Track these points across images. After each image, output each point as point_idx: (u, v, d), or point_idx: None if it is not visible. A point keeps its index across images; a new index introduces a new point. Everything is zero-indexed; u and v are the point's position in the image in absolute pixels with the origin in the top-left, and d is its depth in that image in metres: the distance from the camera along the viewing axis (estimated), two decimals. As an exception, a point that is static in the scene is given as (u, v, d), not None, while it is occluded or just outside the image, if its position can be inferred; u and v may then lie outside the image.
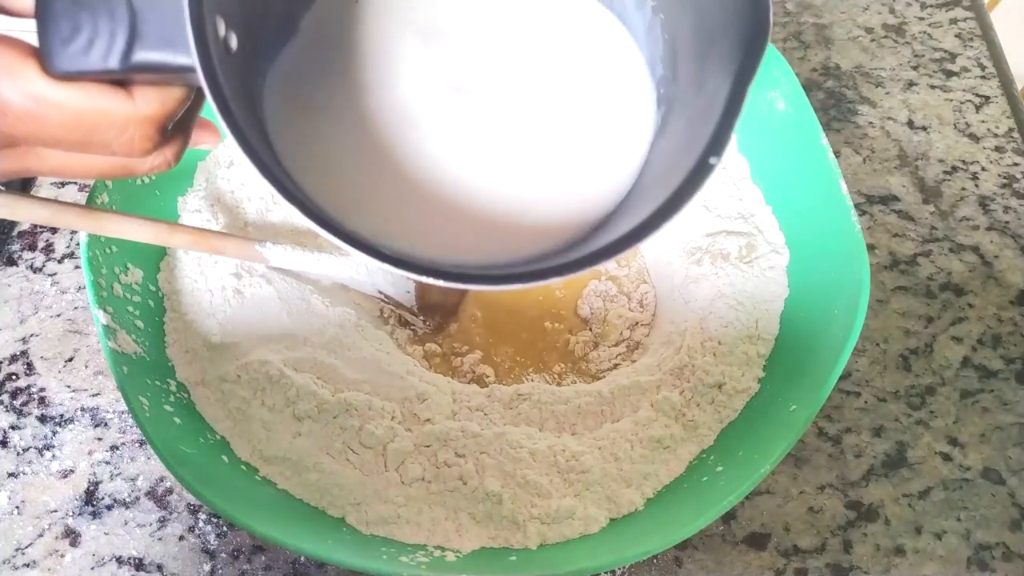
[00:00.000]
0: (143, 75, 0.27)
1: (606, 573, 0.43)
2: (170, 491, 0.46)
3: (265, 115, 0.31)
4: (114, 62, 0.26)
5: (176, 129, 0.30)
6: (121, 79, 0.27)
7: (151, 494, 0.46)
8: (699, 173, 0.26)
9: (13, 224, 0.56)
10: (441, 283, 0.26)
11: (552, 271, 0.26)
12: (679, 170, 0.27)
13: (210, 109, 0.25)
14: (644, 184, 0.31)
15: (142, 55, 0.26)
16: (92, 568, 0.43)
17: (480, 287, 0.27)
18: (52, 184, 0.59)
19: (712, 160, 0.26)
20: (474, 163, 0.31)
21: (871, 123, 0.63)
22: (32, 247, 0.55)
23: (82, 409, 0.49)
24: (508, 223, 0.31)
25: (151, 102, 0.27)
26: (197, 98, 0.30)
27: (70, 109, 0.27)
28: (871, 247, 0.56)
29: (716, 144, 0.26)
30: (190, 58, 0.24)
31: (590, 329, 0.52)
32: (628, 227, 0.27)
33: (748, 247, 0.49)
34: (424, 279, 0.26)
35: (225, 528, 0.45)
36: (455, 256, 0.30)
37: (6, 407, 0.49)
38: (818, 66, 0.67)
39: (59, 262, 0.55)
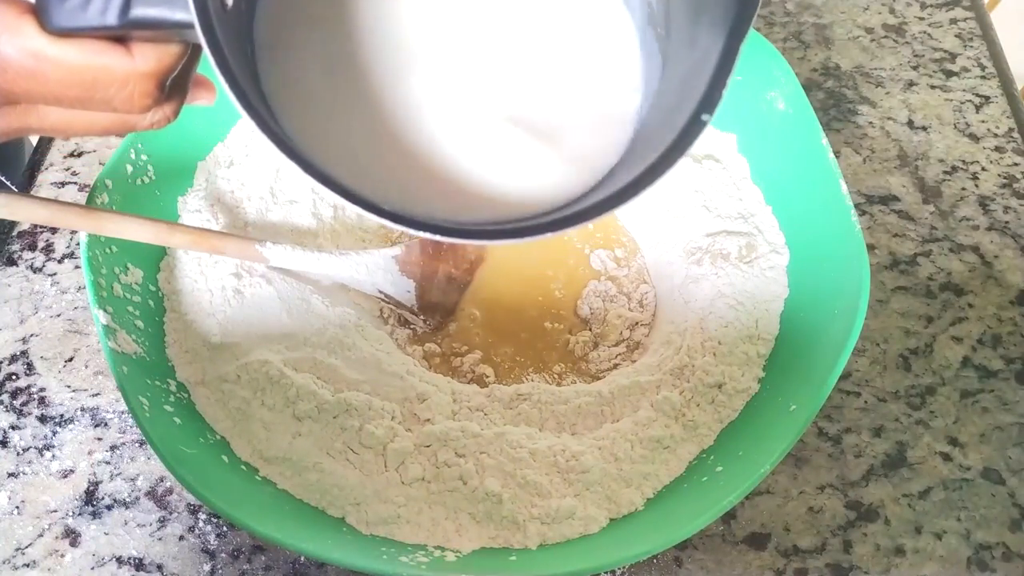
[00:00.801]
0: (141, 31, 0.27)
1: (606, 573, 0.43)
2: (170, 491, 0.46)
3: (260, 73, 0.31)
4: (112, 18, 0.26)
5: (173, 85, 0.30)
6: (119, 35, 0.27)
7: (151, 494, 0.46)
8: (691, 130, 0.26)
9: (13, 224, 0.56)
10: (437, 237, 0.27)
11: (545, 227, 0.27)
12: (672, 128, 0.27)
13: (206, 65, 0.25)
14: (640, 142, 0.31)
15: (140, 11, 0.26)
16: (92, 568, 0.43)
17: (471, 241, 0.28)
18: (52, 184, 0.59)
19: (704, 117, 0.26)
20: (467, 123, 0.32)
21: (871, 123, 0.63)
22: (32, 247, 0.55)
23: (82, 409, 0.49)
24: (503, 183, 0.31)
25: (149, 58, 0.28)
26: (193, 54, 0.30)
27: (69, 66, 0.27)
28: (871, 247, 0.56)
29: (708, 101, 0.26)
30: (187, 14, 0.25)
31: (590, 329, 0.52)
32: (621, 184, 0.27)
33: (748, 247, 0.50)
34: (420, 234, 0.27)
35: (225, 528, 0.45)
36: (448, 216, 0.30)
37: (6, 407, 0.49)
38: (818, 66, 0.67)
39: (59, 262, 0.55)
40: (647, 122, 0.31)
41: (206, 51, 0.25)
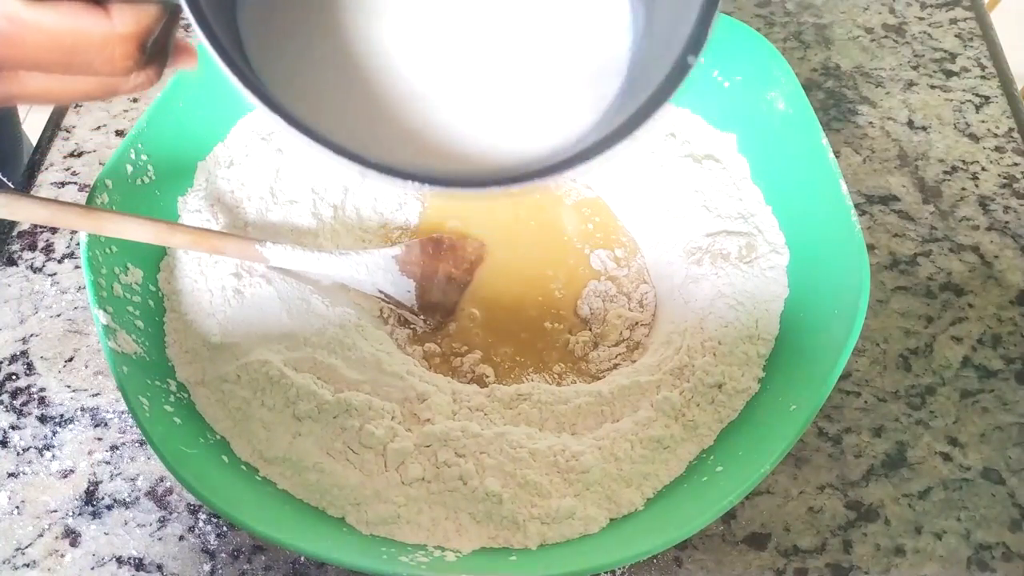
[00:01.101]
0: None
1: (606, 573, 0.43)
2: (170, 491, 0.46)
3: (242, 33, 0.30)
4: None
5: (155, 47, 0.30)
6: None
7: (151, 494, 0.46)
8: (678, 73, 0.26)
9: (13, 224, 0.56)
10: (425, 188, 0.27)
11: (531, 175, 0.27)
12: (659, 72, 0.27)
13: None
14: (627, 90, 0.31)
15: None
16: (92, 568, 0.43)
17: (455, 190, 0.28)
18: (52, 184, 0.59)
19: (690, 59, 0.26)
20: (451, 73, 0.31)
21: (871, 123, 0.63)
22: (32, 247, 0.55)
23: (82, 409, 0.49)
24: (486, 134, 0.31)
25: (128, 20, 0.27)
26: (173, 16, 0.30)
27: (47, 30, 0.26)
28: (871, 247, 0.56)
29: (694, 43, 0.26)
30: None
31: (590, 329, 0.52)
32: (608, 131, 0.27)
33: (748, 247, 0.50)
34: (405, 184, 0.26)
35: (225, 528, 0.45)
36: (437, 168, 0.30)
37: (6, 407, 0.49)
38: (818, 66, 0.67)
39: (59, 262, 0.55)
40: (634, 70, 0.31)
41: (185, 7, 0.24)
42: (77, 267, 0.54)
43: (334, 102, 0.31)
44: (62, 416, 0.48)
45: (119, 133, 0.62)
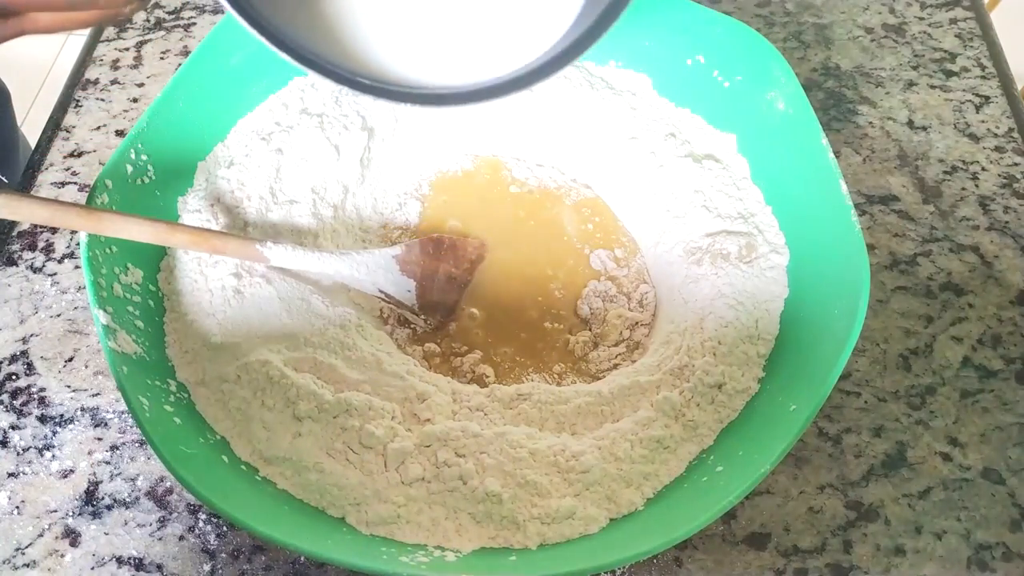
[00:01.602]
0: None
1: (606, 573, 0.43)
2: (170, 491, 0.46)
3: None
4: None
5: None
6: None
7: (151, 494, 0.46)
8: None
9: (13, 224, 0.56)
10: (407, 105, 0.27)
11: (522, 80, 0.28)
12: None
13: None
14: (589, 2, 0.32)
15: None
16: (92, 568, 0.43)
17: (425, 106, 0.28)
18: (52, 184, 0.59)
19: None
20: None
21: (871, 123, 0.63)
22: (32, 247, 0.55)
23: (82, 409, 0.49)
24: (471, 45, 0.32)
25: None
26: None
27: None
28: (871, 247, 0.56)
29: None
30: None
31: (590, 329, 0.52)
32: (584, 27, 0.28)
33: (748, 247, 0.50)
34: (401, 104, 0.27)
35: (225, 528, 0.45)
36: (414, 82, 0.31)
37: (6, 407, 0.49)
38: (818, 66, 0.67)
39: (59, 262, 0.55)
40: None
41: None
42: (77, 267, 0.54)
43: (326, 23, 0.31)
44: (62, 416, 0.48)
45: (119, 133, 0.62)
